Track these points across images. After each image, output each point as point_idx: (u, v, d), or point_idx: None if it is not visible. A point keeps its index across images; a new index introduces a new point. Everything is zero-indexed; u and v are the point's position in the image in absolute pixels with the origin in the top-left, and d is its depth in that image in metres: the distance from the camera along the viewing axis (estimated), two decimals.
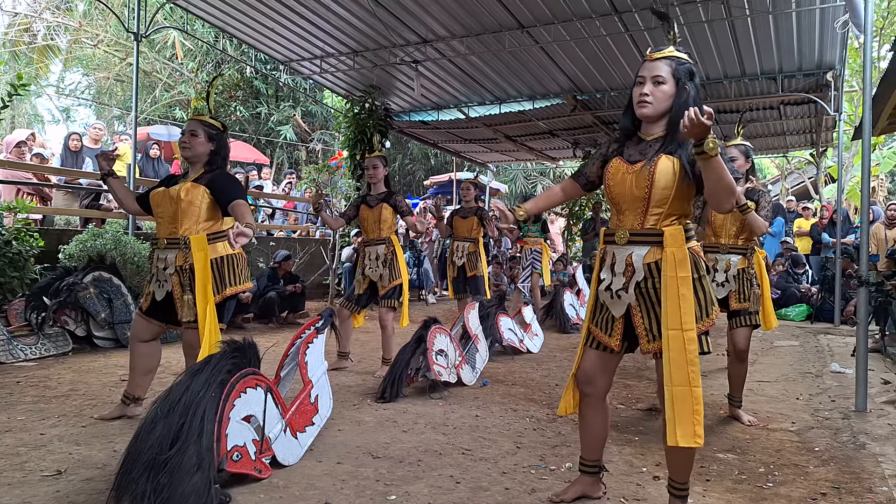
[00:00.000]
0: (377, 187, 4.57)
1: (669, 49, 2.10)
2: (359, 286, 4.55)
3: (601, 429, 2.28)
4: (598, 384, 2.21)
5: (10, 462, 2.56)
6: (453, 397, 3.89)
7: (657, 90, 2.03)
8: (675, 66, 2.05)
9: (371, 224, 4.52)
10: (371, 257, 4.49)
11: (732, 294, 3.40)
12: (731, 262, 3.41)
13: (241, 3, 7.14)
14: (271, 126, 17.24)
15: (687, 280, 1.98)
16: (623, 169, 2.09)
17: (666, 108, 2.05)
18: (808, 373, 4.91)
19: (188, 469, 2.05)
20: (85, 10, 15.62)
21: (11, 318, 4.95)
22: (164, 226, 3.07)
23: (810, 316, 8.23)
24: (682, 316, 1.95)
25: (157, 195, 3.08)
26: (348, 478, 2.50)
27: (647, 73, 2.07)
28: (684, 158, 1.99)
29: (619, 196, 2.09)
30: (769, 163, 19.23)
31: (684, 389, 1.93)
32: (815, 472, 2.73)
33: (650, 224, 2.04)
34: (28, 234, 5.24)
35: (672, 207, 2.03)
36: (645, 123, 2.13)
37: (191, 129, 3.07)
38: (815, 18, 6.50)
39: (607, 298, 2.13)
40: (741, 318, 3.40)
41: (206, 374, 2.34)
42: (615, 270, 2.09)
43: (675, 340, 1.95)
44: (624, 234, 2.07)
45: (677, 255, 1.99)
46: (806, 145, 12.05)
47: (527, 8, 6.69)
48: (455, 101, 9.90)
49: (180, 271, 2.97)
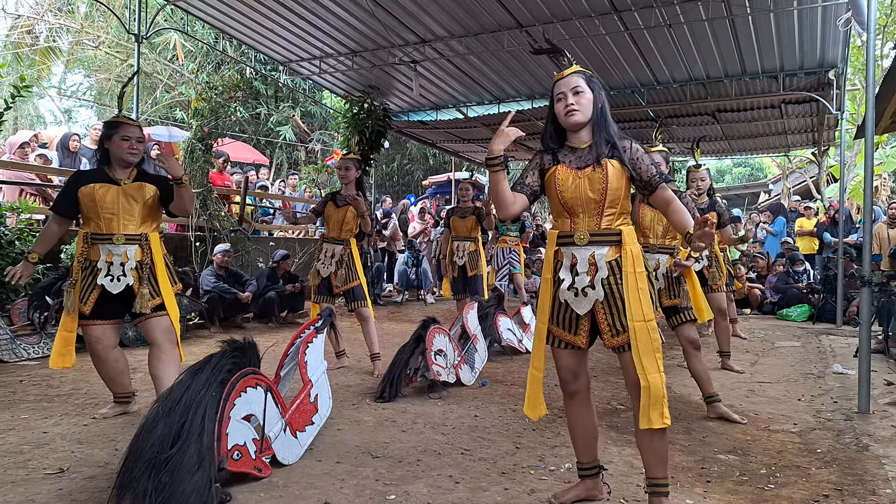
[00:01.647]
0: (348, 188, 4.62)
1: (575, 66, 2.24)
2: (312, 280, 4.65)
3: (591, 427, 2.33)
4: (581, 379, 2.29)
5: (14, 460, 2.57)
6: (452, 397, 3.89)
7: (580, 98, 2.17)
8: (587, 77, 2.21)
9: (333, 223, 4.60)
10: (327, 254, 4.57)
11: (662, 292, 3.54)
12: (659, 262, 3.58)
13: (240, 5, 7.16)
14: (271, 126, 17.26)
15: (643, 275, 2.13)
16: (573, 175, 2.17)
17: (590, 113, 2.19)
18: (810, 374, 4.90)
19: (189, 468, 2.06)
20: (86, 11, 15.66)
21: (14, 318, 4.97)
22: (116, 221, 3.07)
23: (812, 316, 8.20)
24: (643, 308, 2.08)
25: (100, 190, 3.06)
26: (348, 477, 2.50)
27: (565, 88, 2.19)
28: (626, 160, 2.14)
29: (574, 200, 2.17)
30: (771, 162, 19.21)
31: (656, 376, 2.05)
32: (818, 474, 2.72)
33: (605, 224, 2.16)
34: (31, 234, 5.26)
35: (622, 207, 2.18)
36: (571, 134, 2.24)
37: (138, 136, 3.17)
38: (817, 16, 6.49)
39: (570, 297, 2.18)
40: (680, 316, 3.53)
41: (207, 373, 2.35)
42: (577, 270, 2.17)
43: (642, 331, 2.07)
44: (584, 235, 2.16)
45: (634, 251, 2.14)
46: (808, 144, 12.04)
47: (525, 7, 6.69)
48: (454, 101, 9.92)
49: (140, 266, 3.06)
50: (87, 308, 3.07)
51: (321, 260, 4.60)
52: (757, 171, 25.58)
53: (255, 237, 8.73)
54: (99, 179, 3.10)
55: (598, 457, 2.37)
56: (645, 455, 2.16)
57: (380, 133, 9.42)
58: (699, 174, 4.42)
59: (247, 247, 7.98)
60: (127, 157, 3.12)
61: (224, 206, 7.79)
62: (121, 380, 3.28)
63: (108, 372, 3.24)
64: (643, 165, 2.17)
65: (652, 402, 2.03)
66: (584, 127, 2.21)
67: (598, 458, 2.37)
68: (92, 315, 3.10)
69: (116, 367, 3.25)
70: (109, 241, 3.05)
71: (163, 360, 3.03)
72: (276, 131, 17.22)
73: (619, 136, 2.18)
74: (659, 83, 8.59)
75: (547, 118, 2.30)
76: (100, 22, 15.36)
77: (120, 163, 3.14)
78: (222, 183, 8.44)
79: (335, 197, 4.66)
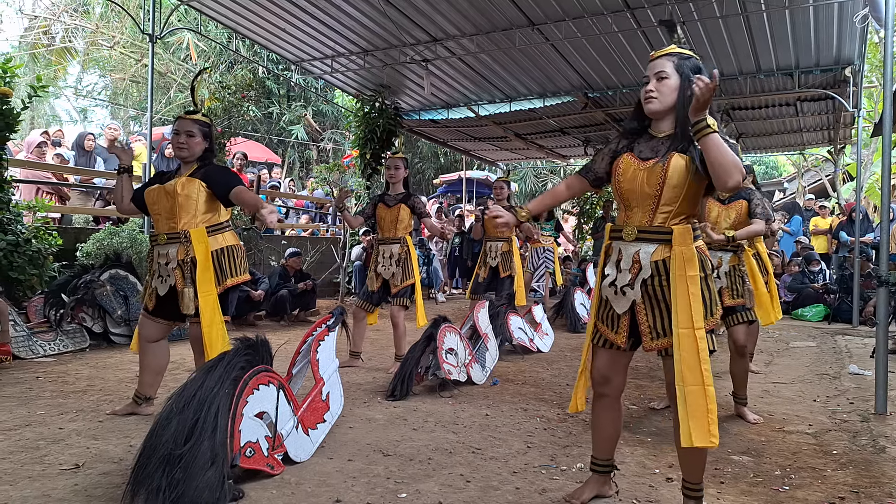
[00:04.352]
0: (396, 187, 4.60)
1: (671, 46, 2.11)
2: (371, 283, 4.58)
3: (614, 428, 2.28)
4: (613, 383, 2.20)
5: (31, 455, 2.60)
6: (463, 396, 3.88)
7: (661, 85, 2.05)
8: (677, 62, 2.06)
9: (388, 223, 4.56)
10: (385, 255, 4.53)
11: (725, 290, 3.46)
12: (722, 259, 3.48)
13: (253, 5, 7.19)
14: (283, 126, 17.36)
15: (696, 279, 1.97)
16: (634, 165, 2.08)
17: (672, 101, 2.05)
18: (826, 374, 4.85)
19: (202, 464, 2.08)
20: (101, 12, 15.83)
21: (31, 315, 5.04)
22: (162, 222, 3.10)
23: (827, 316, 8.11)
24: (692, 315, 1.94)
25: (152, 192, 3.11)
26: (359, 475, 2.51)
27: (650, 72, 2.09)
28: (696, 156, 1.98)
29: (629, 192, 2.09)
30: (785, 160, 19.01)
31: (697, 389, 1.91)
32: (833, 476, 2.69)
33: (659, 221, 2.04)
34: (47, 232, 5.33)
35: (682, 206, 2.03)
36: (654, 121, 2.14)
37: (187, 129, 3.08)
38: (833, 12, 6.41)
39: (611, 294, 2.13)
40: (737, 316, 3.45)
41: (220, 370, 2.36)
42: (621, 267, 2.09)
43: (687, 339, 1.94)
44: (632, 231, 2.07)
45: (685, 253, 1.99)
46: (823, 142, 11.89)
47: (537, 5, 6.66)
48: (465, 100, 9.90)
49: (182, 265, 3.00)
50: (151, 305, 3.14)
51: (380, 263, 4.53)
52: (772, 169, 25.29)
53: (268, 235, 8.78)
54: (165, 180, 3.13)
55: (613, 456, 2.34)
56: (682, 460, 2.12)
57: (391, 132, 9.44)
58: None
59: (259, 245, 8.03)
60: (175, 151, 3.13)
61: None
62: (150, 378, 3.27)
63: (143, 362, 3.25)
64: None
65: (692, 418, 1.91)
66: (665, 115, 2.09)
67: (613, 457, 2.34)
68: (154, 312, 3.14)
69: (153, 362, 3.25)
70: (157, 242, 3.09)
71: (198, 362, 3.03)
72: (288, 130, 17.31)
73: None
74: None
75: (636, 102, 2.17)
76: (114, 22, 15.53)
77: (182, 160, 3.15)
78: None
79: (384, 198, 4.62)
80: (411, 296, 4.52)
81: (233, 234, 3.20)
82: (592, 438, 2.34)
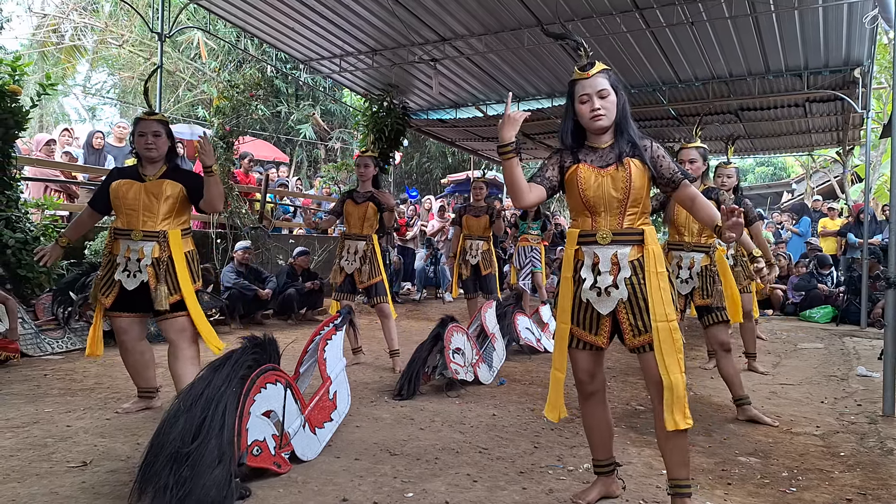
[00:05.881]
0: (365, 185, 4.70)
1: (599, 64, 2.20)
2: (334, 276, 4.68)
3: (607, 425, 2.33)
4: (598, 379, 2.29)
5: (38, 453, 2.62)
6: (470, 396, 3.89)
7: (606, 102, 2.16)
8: (611, 77, 2.19)
9: (355, 220, 4.64)
10: (350, 251, 4.62)
11: (696, 291, 3.49)
12: (694, 260, 3.52)
13: (262, 4, 7.21)
14: (291, 125, 17.40)
15: (664, 275, 2.12)
16: (595, 173, 2.16)
17: (614, 116, 2.19)
18: (833, 376, 4.82)
19: (210, 462, 2.08)
20: (111, 10, 15.91)
21: (39, 313, 5.07)
22: (136, 218, 3.09)
23: (835, 318, 8.06)
24: (665, 308, 2.08)
25: (124, 186, 3.11)
26: (366, 474, 2.51)
27: (590, 90, 2.15)
28: (647, 160, 2.14)
29: (597, 199, 2.16)
30: (794, 161, 18.90)
31: (678, 375, 2.04)
32: (841, 478, 2.68)
33: (627, 224, 2.16)
34: (55, 230, 5.36)
35: (644, 206, 2.18)
36: (593, 134, 2.23)
37: (153, 129, 3.13)
38: (842, 13, 6.37)
39: (592, 297, 2.17)
40: (712, 316, 3.45)
41: (228, 369, 2.37)
42: (600, 269, 2.16)
43: (664, 331, 2.07)
44: (607, 234, 2.15)
45: (656, 251, 2.13)
46: (832, 143, 11.82)
47: (546, 5, 6.66)
48: (473, 100, 9.89)
49: (157, 263, 3.04)
50: (108, 301, 3.10)
51: (344, 257, 4.64)
52: (780, 170, 25.17)
53: (275, 234, 8.81)
54: (130, 176, 3.15)
55: (613, 453, 2.37)
56: (667, 456, 2.16)
57: (399, 131, 9.44)
58: (727, 171, 4.37)
59: (267, 244, 8.06)
60: (144, 152, 3.14)
61: (245, 204, 7.87)
62: (146, 373, 3.32)
63: (133, 364, 3.28)
64: (664, 164, 2.18)
65: (676, 403, 2.03)
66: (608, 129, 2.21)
67: (613, 454, 2.37)
68: (114, 307, 3.13)
69: (142, 360, 3.29)
70: (128, 237, 3.08)
71: (179, 359, 3.06)
72: (296, 129, 17.36)
73: (639, 136, 2.19)
74: (681, 81, 8.48)
75: (565, 115, 2.26)
76: (124, 21, 15.60)
77: (144, 159, 3.17)
78: (246, 183, 8.53)
79: (353, 194, 4.70)
80: (384, 293, 4.57)
81: (191, 240, 3.26)
82: (589, 441, 2.37)
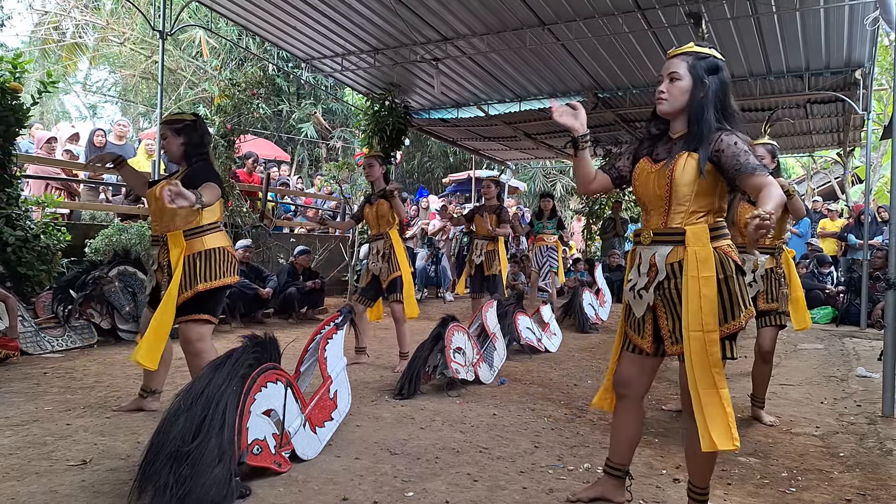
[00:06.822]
0: (376, 185, 4.75)
1: (689, 45, 2.07)
2: (363, 279, 4.78)
3: (633, 431, 2.23)
4: (634, 387, 2.17)
5: (38, 451, 2.62)
6: (471, 395, 3.89)
7: (673, 86, 2.03)
8: (692, 62, 2.02)
9: (372, 220, 4.71)
10: (373, 252, 4.67)
11: (761, 294, 3.35)
12: (758, 262, 3.35)
13: (264, 2, 7.20)
14: (292, 123, 17.39)
15: (710, 280, 1.91)
16: (647, 168, 2.09)
17: (682, 104, 2.03)
18: (833, 376, 4.82)
19: (210, 461, 2.08)
20: (112, 8, 15.90)
21: (39, 311, 5.07)
22: (153, 223, 3.15)
23: (836, 318, 8.07)
24: (703, 317, 1.90)
25: (150, 194, 3.17)
26: (366, 473, 2.51)
27: (664, 72, 2.07)
28: (703, 156, 1.95)
29: (644, 196, 2.09)
30: (795, 162, 18.90)
31: (711, 392, 1.88)
32: (840, 478, 2.68)
33: (675, 223, 2.00)
34: (55, 228, 5.36)
35: (697, 204, 1.99)
36: (671, 122, 2.12)
37: (163, 133, 3.17)
38: (843, 15, 6.36)
39: (631, 298, 2.13)
40: (769, 318, 3.37)
41: (228, 368, 2.37)
42: (640, 271, 2.08)
43: (697, 342, 1.90)
44: (648, 234, 2.07)
45: (700, 254, 1.94)
46: (833, 145, 11.81)
47: (548, 5, 6.65)
48: (475, 99, 9.89)
49: (161, 268, 3.05)
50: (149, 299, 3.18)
51: (371, 259, 4.68)
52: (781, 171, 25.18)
53: (276, 233, 8.81)
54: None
55: (628, 462, 2.28)
56: (690, 464, 2.10)
57: (401, 130, 9.44)
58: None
59: (268, 243, 8.06)
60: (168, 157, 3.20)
61: (246, 203, 7.88)
62: (158, 372, 3.25)
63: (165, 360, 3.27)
64: (726, 156, 1.91)
65: (710, 421, 1.86)
66: (677, 116, 2.07)
67: (628, 463, 2.28)
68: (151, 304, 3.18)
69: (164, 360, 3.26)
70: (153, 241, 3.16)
71: (189, 363, 3.05)
72: (297, 128, 17.35)
73: (712, 129, 1.96)
74: None
75: None
76: (125, 18, 15.59)
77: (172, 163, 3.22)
78: (250, 183, 8.54)
79: (370, 198, 4.79)
80: (401, 290, 4.56)
81: (219, 236, 3.08)
82: (611, 440, 2.29)
